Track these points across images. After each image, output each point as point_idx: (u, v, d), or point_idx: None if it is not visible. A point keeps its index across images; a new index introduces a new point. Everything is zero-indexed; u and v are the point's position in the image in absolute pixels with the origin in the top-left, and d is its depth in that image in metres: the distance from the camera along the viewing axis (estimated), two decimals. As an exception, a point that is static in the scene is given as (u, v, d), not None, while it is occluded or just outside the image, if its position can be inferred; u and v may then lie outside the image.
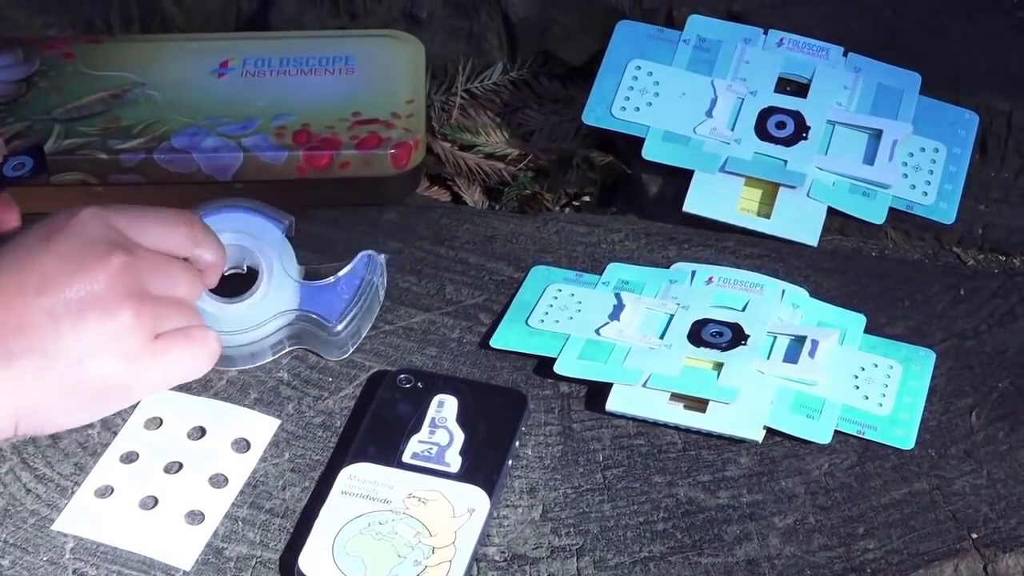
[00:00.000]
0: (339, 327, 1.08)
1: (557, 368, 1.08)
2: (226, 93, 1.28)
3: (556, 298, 1.15)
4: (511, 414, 1.03)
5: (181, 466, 1.02)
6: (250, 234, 1.10)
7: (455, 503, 0.97)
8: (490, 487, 0.98)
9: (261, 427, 1.05)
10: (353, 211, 1.24)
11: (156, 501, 1.00)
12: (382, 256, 1.12)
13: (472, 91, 1.44)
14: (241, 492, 1.01)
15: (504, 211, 1.34)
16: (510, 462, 1.01)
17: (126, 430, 1.04)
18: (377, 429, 1.02)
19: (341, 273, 1.10)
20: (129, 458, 1.03)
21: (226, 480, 1.01)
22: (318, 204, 1.24)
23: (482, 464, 1.00)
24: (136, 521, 0.99)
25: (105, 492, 1.00)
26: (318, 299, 1.09)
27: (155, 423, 1.05)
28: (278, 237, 1.10)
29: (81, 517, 0.99)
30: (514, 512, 0.99)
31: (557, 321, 1.12)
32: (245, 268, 1.09)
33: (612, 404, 1.05)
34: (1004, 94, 1.28)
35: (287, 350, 1.10)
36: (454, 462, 1.00)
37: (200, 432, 1.04)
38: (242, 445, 1.04)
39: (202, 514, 0.99)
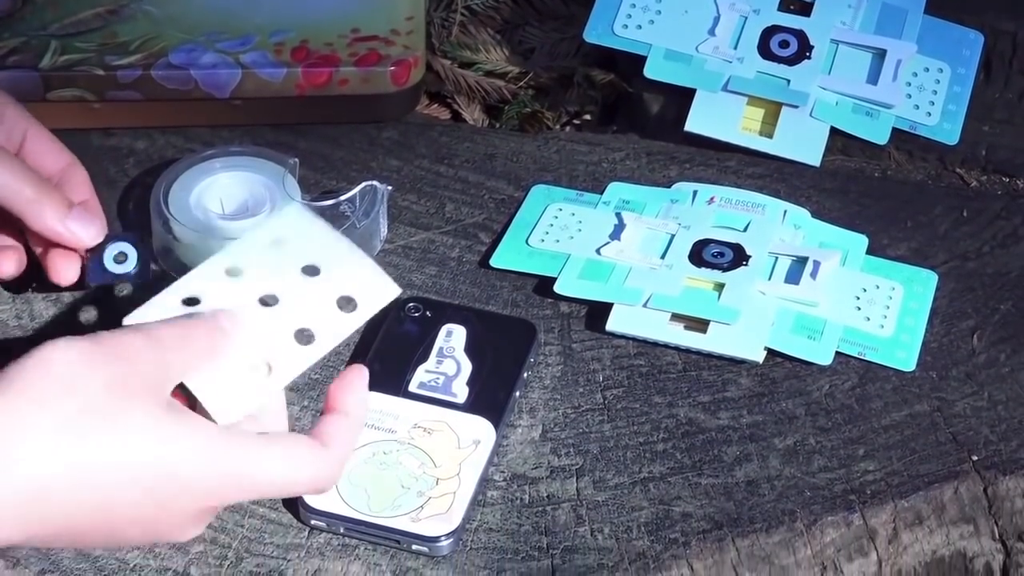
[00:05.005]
0: None
1: (557, 288, 1.08)
2: (224, 8, 1.26)
3: (556, 217, 1.14)
4: (520, 345, 1.03)
5: (276, 302, 0.88)
6: (256, 170, 1.11)
7: (461, 434, 0.96)
8: (497, 418, 0.97)
9: (376, 289, 0.89)
10: (352, 129, 1.24)
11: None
12: (386, 187, 1.11)
13: (472, 8, 1.42)
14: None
15: (504, 129, 1.33)
16: (518, 393, 1.00)
17: (245, 241, 0.90)
18: (384, 358, 1.01)
19: (343, 197, 1.10)
20: (236, 272, 0.88)
21: (312, 338, 0.87)
22: (316, 121, 1.23)
23: (489, 395, 0.99)
24: None
25: (191, 302, 0.87)
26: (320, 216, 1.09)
27: (277, 244, 0.90)
28: (282, 171, 1.10)
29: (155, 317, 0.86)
30: (514, 432, 0.99)
31: (557, 240, 1.12)
32: (248, 207, 1.10)
33: (612, 324, 1.05)
34: (1009, 14, 1.27)
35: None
36: (461, 393, 0.99)
37: (314, 271, 0.89)
38: (349, 304, 0.89)
39: (269, 368, 0.86)
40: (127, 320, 0.85)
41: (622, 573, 0.91)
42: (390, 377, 1.00)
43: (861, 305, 1.07)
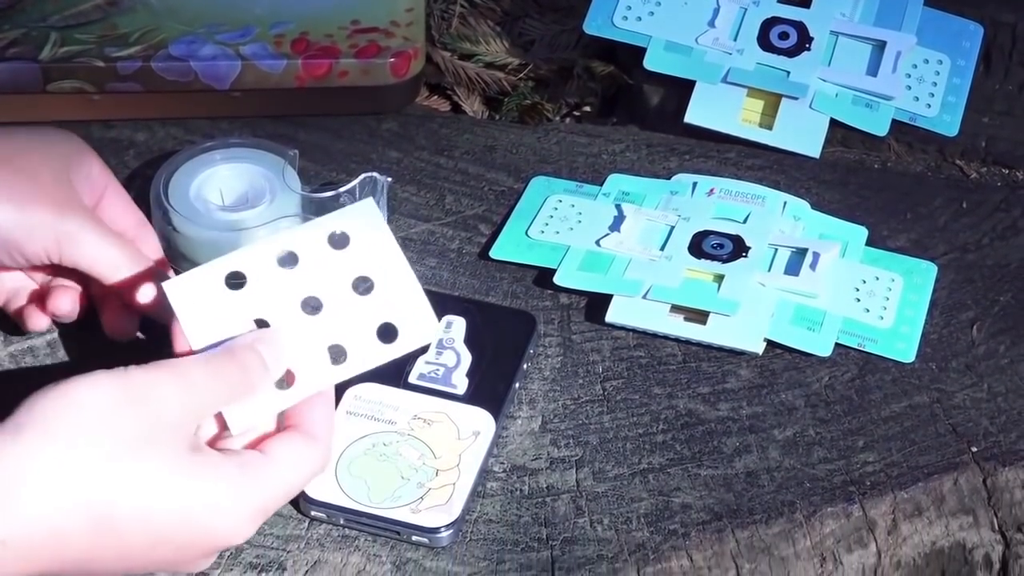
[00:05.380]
0: None
1: (557, 279, 1.08)
2: (224, 0, 1.26)
3: (556, 209, 1.14)
4: (520, 336, 1.03)
5: (320, 308, 0.87)
6: (255, 161, 1.11)
7: (460, 425, 0.96)
8: (496, 410, 0.97)
9: (419, 327, 0.88)
10: (352, 120, 1.24)
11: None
12: (386, 179, 1.10)
13: (472, -1, 1.43)
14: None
15: (504, 121, 1.33)
16: (517, 384, 1.00)
17: (309, 229, 0.88)
18: None
19: (342, 188, 1.09)
20: (288, 261, 0.87)
21: (343, 358, 0.87)
22: (316, 113, 1.23)
23: (489, 386, 0.99)
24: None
25: (237, 284, 0.86)
26: (319, 208, 1.09)
27: (342, 241, 0.88)
28: (282, 163, 1.10)
29: (190, 290, 0.85)
30: (513, 423, 0.99)
31: (557, 232, 1.12)
32: (248, 198, 1.09)
33: (612, 316, 1.05)
34: (1009, 6, 1.27)
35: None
36: (461, 384, 0.99)
37: (367, 286, 0.88)
38: (389, 333, 0.88)
39: (292, 376, 0.86)
40: (166, 285, 0.85)
41: (621, 564, 0.91)
42: (390, 368, 0.99)
43: (861, 296, 1.07)
